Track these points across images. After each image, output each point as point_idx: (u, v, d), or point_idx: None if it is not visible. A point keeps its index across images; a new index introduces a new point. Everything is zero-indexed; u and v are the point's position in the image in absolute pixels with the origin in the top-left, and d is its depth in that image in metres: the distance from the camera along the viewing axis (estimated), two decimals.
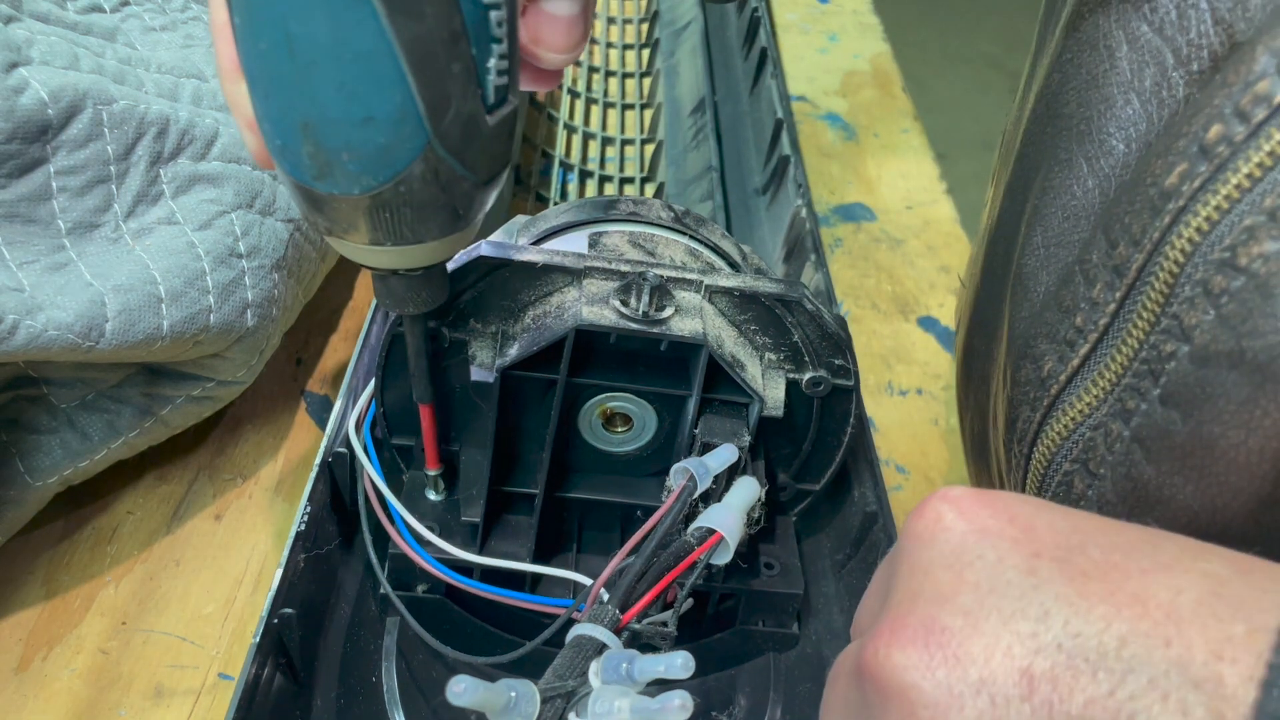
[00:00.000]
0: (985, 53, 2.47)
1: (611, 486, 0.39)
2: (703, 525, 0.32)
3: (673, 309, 0.35)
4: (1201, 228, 0.27)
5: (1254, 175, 0.26)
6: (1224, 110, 0.27)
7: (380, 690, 0.37)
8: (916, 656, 0.22)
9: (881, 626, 0.24)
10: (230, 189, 0.44)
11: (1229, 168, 0.26)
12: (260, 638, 0.33)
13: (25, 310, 0.36)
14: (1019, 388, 0.35)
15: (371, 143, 0.25)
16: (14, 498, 0.41)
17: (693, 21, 0.82)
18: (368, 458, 0.37)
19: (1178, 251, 0.28)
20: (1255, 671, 0.19)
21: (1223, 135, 0.27)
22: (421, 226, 0.27)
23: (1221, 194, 0.27)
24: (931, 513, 0.25)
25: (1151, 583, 0.21)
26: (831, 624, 0.41)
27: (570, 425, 0.37)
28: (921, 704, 0.22)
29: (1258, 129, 0.26)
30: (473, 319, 0.36)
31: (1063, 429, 0.33)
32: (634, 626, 0.31)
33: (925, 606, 0.23)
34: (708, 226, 0.42)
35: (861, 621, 0.28)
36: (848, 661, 0.26)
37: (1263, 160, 0.26)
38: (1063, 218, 0.34)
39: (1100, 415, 0.32)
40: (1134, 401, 0.30)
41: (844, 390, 0.38)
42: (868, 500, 0.41)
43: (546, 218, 0.42)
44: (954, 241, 0.71)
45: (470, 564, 0.36)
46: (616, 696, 0.27)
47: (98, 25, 0.43)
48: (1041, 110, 0.36)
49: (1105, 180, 0.32)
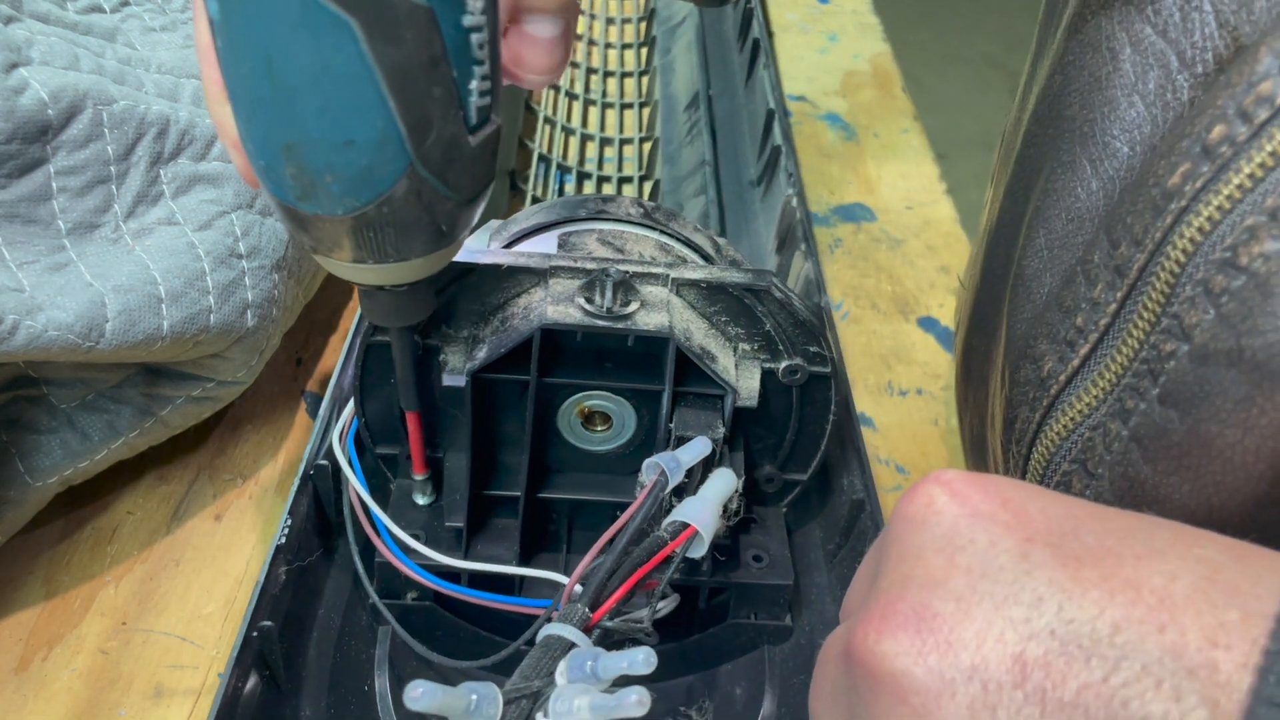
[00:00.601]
0: (985, 53, 2.47)
1: (595, 485, 0.39)
2: (676, 519, 0.32)
3: (638, 304, 0.35)
4: (1203, 228, 0.27)
5: (1256, 175, 0.26)
6: (1227, 111, 0.27)
7: (372, 699, 0.37)
8: (907, 642, 0.22)
9: (872, 611, 0.23)
10: (230, 189, 0.44)
11: (1231, 168, 0.26)
12: (239, 651, 0.33)
13: (25, 310, 0.36)
14: (1018, 388, 0.35)
15: (354, 165, 0.25)
16: (14, 498, 0.41)
17: (688, 17, 0.82)
18: (351, 468, 0.37)
19: (1179, 251, 0.28)
20: (1250, 658, 0.19)
21: (1225, 135, 0.27)
22: (405, 245, 0.27)
23: (1223, 194, 0.27)
24: (924, 496, 0.24)
25: (1145, 568, 0.21)
26: (824, 614, 0.41)
27: (550, 426, 0.37)
28: (912, 690, 0.22)
29: (1260, 129, 0.26)
30: (444, 324, 0.36)
31: (1062, 429, 0.33)
32: (608, 625, 0.30)
33: (916, 591, 0.23)
34: (678, 221, 0.42)
35: (851, 604, 0.28)
36: (837, 645, 0.26)
37: (1264, 160, 0.26)
38: (1065, 219, 0.34)
39: (1099, 415, 0.32)
40: (1133, 401, 0.30)
41: (822, 377, 0.37)
42: (856, 488, 0.40)
43: (518, 220, 0.43)
44: (954, 242, 0.71)
45: (455, 569, 0.36)
46: (577, 695, 0.27)
47: (98, 25, 0.43)
48: (1043, 111, 0.36)
49: (1109, 182, 0.32)
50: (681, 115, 0.73)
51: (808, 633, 0.41)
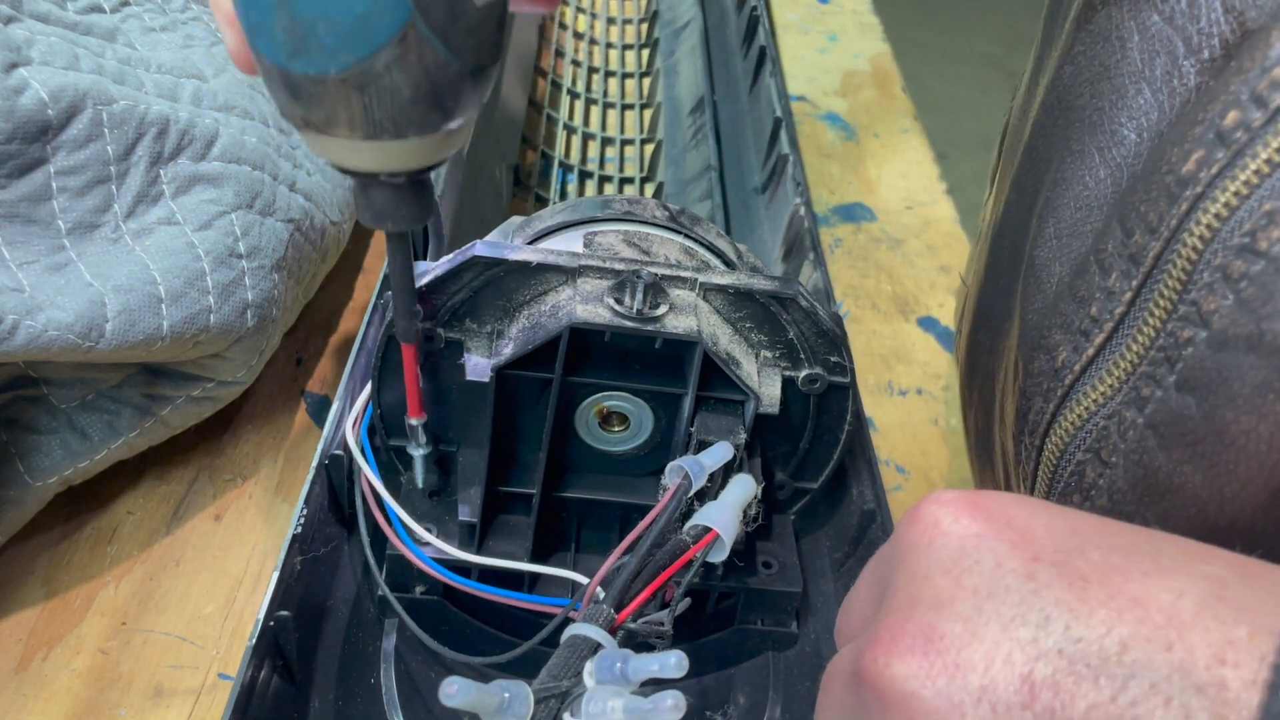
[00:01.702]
0: (985, 53, 2.47)
1: (608, 486, 0.39)
2: (698, 523, 0.32)
3: (667, 307, 0.35)
4: (1220, 214, 0.27)
5: (1273, 160, 0.26)
6: (1240, 96, 0.27)
7: (379, 692, 0.37)
8: (916, 664, 0.22)
9: (879, 633, 0.23)
10: (230, 189, 0.44)
11: (1247, 153, 0.26)
12: (256, 640, 0.33)
13: (25, 310, 0.36)
14: (1032, 379, 0.35)
15: (348, 12, 0.24)
16: (14, 498, 0.41)
17: (692, 21, 0.82)
18: (365, 459, 0.37)
19: (1196, 238, 0.28)
20: (1258, 675, 0.19)
21: (1240, 121, 0.27)
22: (402, 116, 0.26)
23: (1240, 179, 0.26)
24: (927, 517, 0.24)
25: (1152, 586, 0.21)
26: (831, 623, 0.41)
27: (567, 425, 0.37)
28: (922, 712, 0.22)
29: (1275, 114, 0.26)
30: (468, 319, 0.35)
31: (1076, 419, 0.33)
32: (630, 626, 0.31)
33: (924, 613, 0.23)
34: (703, 225, 0.42)
35: (850, 625, 0.28)
36: (843, 667, 0.25)
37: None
38: (1075, 208, 0.34)
39: (1115, 404, 0.32)
40: (1149, 389, 0.30)
41: (840, 387, 0.38)
42: (866, 499, 0.40)
43: (541, 218, 0.42)
44: (954, 241, 0.71)
45: (468, 564, 0.36)
46: (610, 696, 0.27)
47: (98, 25, 0.43)
48: (1052, 102, 0.36)
49: (1118, 170, 0.32)
50: (686, 119, 0.73)
51: (813, 640, 0.41)
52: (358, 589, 0.39)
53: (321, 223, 0.50)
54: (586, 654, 0.28)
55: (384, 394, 0.37)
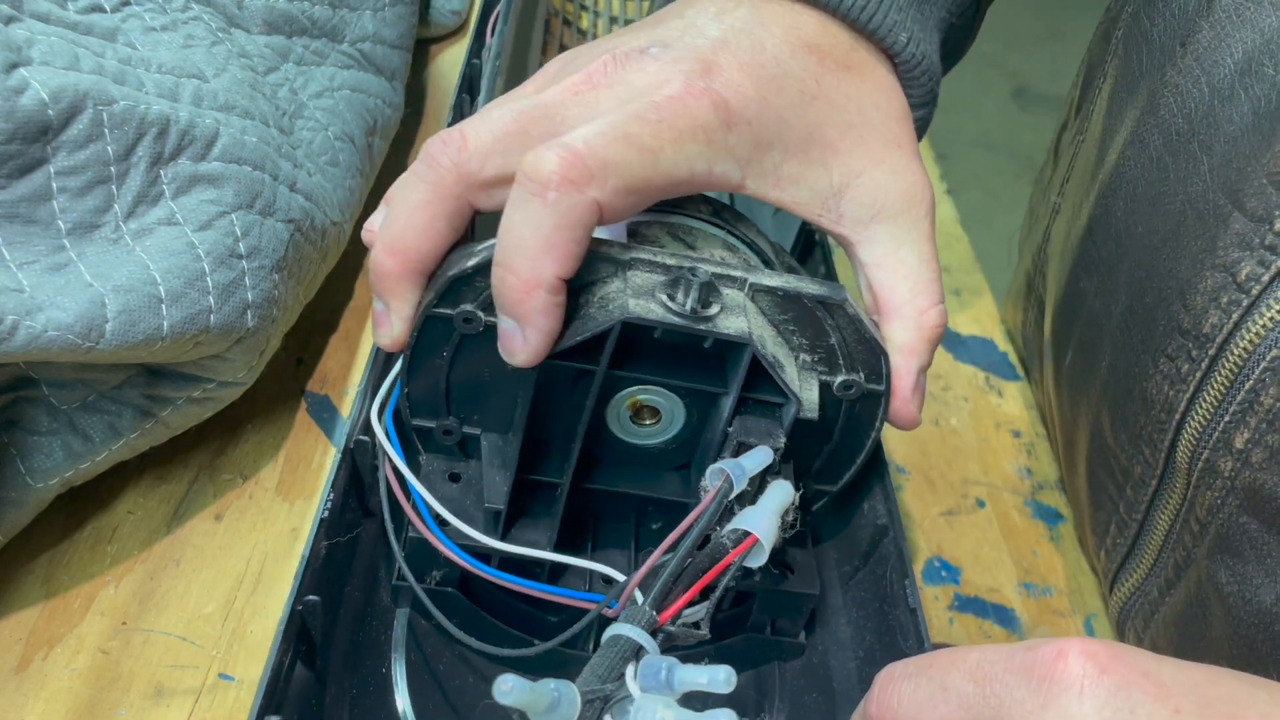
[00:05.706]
0: (985, 53, 2.47)
1: (631, 478, 0.38)
2: (739, 527, 0.32)
3: (719, 306, 0.34)
4: None
5: None
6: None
7: (389, 681, 0.37)
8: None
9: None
10: (230, 189, 0.44)
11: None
12: (285, 625, 0.32)
13: (25, 311, 0.36)
14: (1203, 295, 0.38)
15: None
16: (14, 499, 0.41)
17: None
18: (389, 440, 0.37)
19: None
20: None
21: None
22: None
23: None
24: (1074, 665, 0.26)
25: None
26: (838, 635, 0.41)
27: (598, 416, 0.37)
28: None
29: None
30: None
31: (1261, 329, 0.35)
32: (668, 628, 0.31)
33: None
34: (744, 223, 0.42)
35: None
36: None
37: None
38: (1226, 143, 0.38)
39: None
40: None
41: (874, 395, 0.38)
42: (878, 513, 0.40)
43: None
44: (954, 242, 0.71)
45: (490, 550, 0.36)
46: (660, 707, 0.27)
47: (98, 25, 0.43)
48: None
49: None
50: None
51: (820, 652, 0.41)
52: (371, 577, 0.39)
53: (322, 223, 0.50)
54: (629, 656, 0.28)
55: (415, 374, 0.37)
